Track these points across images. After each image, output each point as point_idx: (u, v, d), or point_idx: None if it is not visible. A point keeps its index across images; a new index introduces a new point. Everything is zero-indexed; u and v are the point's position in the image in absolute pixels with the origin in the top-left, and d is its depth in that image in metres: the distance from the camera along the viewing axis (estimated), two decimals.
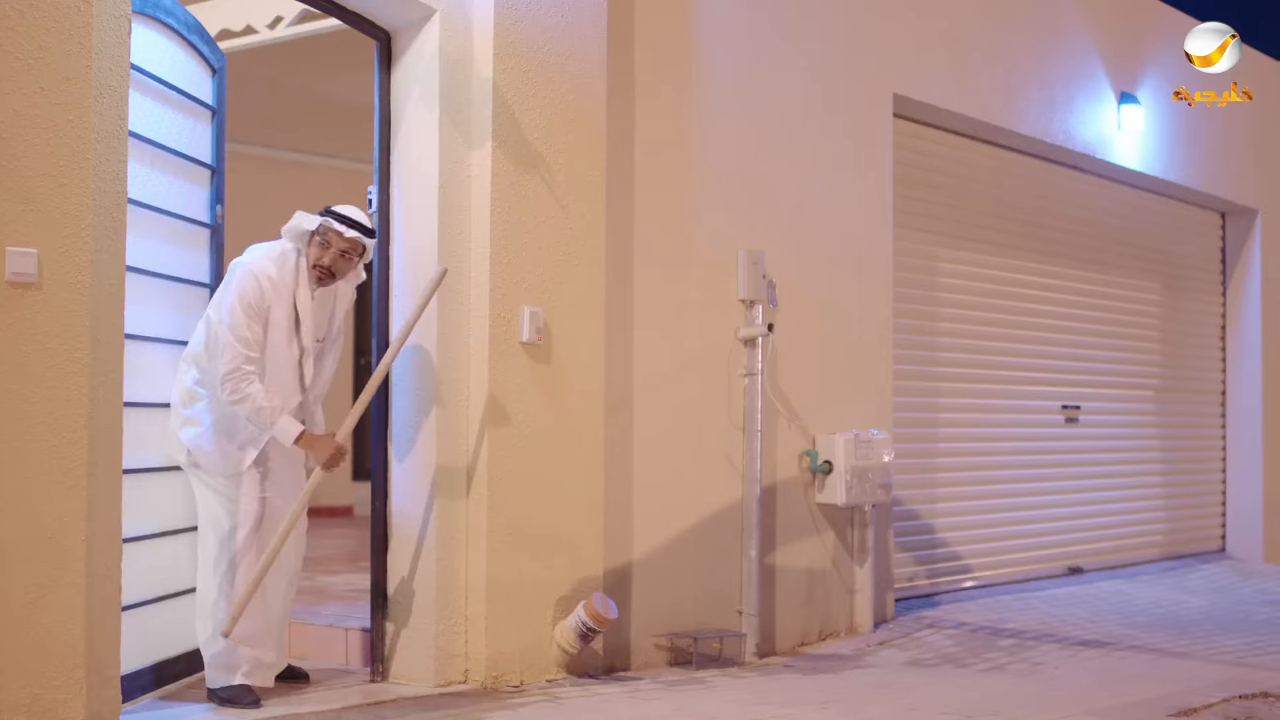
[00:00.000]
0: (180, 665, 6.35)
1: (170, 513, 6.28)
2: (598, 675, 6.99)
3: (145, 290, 6.01)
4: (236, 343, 5.88)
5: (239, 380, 5.87)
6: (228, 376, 5.88)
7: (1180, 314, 13.38)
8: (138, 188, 5.84)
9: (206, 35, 6.68)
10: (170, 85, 6.27)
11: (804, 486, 8.44)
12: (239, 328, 5.89)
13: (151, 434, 6.10)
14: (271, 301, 5.99)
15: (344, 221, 6.13)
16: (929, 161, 10.24)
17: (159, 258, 6.17)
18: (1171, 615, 10.23)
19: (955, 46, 9.98)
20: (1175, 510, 13.19)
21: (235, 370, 5.88)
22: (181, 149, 6.45)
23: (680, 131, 7.81)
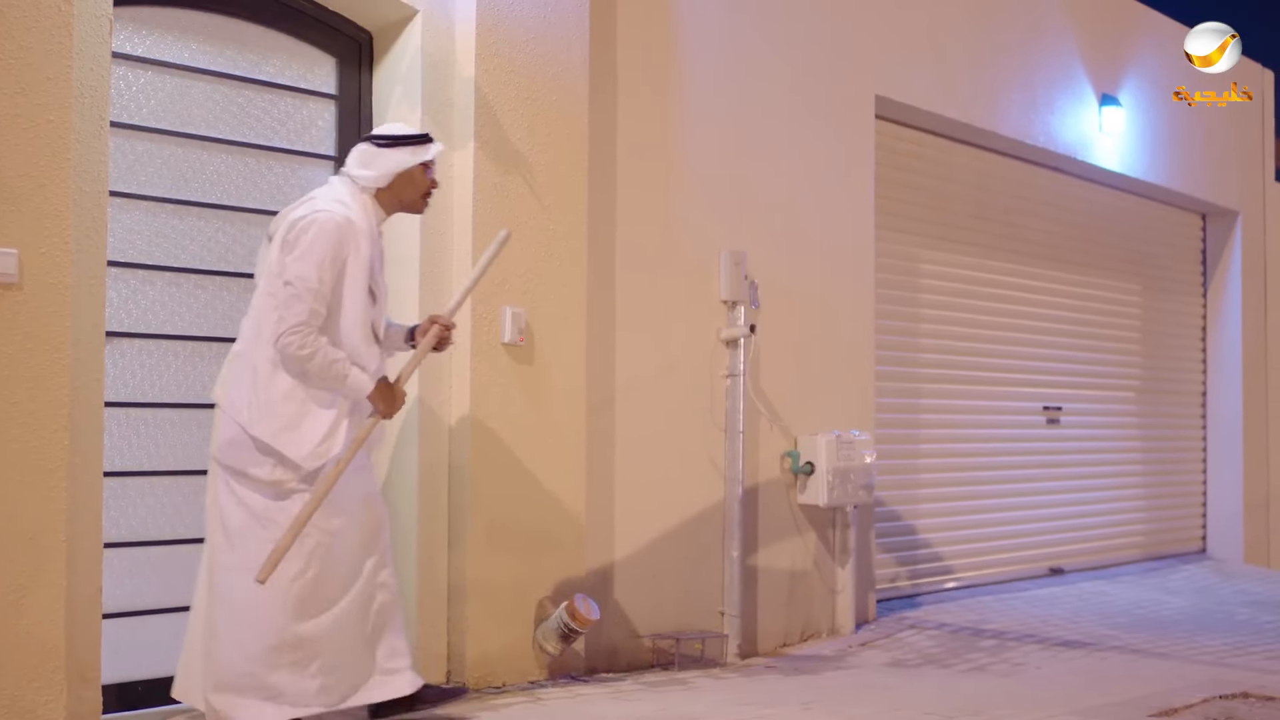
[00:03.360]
0: None
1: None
2: (579, 676, 6.99)
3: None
4: (306, 294, 5.30)
5: (306, 334, 5.30)
6: (294, 329, 5.29)
7: (1161, 315, 13.41)
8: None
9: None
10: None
11: (786, 487, 8.44)
12: (310, 278, 5.32)
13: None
14: (349, 251, 5.44)
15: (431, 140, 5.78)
16: (911, 163, 10.25)
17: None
18: (1153, 616, 10.26)
19: (937, 48, 9.99)
20: (1156, 511, 13.23)
21: (302, 324, 5.29)
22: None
23: (662, 132, 7.81)
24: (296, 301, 5.31)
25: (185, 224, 6.20)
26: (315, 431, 5.38)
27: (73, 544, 5.13)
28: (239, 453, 5.36)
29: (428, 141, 5.73)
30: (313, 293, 5.32)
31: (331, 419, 5.42)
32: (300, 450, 5.34)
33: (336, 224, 5.40)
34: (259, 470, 5.34)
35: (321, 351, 5.32)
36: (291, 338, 5.29)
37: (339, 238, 5.39)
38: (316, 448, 5.37)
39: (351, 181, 5.64)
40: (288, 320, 5.30)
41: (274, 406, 5.34)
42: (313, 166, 6.61)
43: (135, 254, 6.01)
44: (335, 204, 5.50)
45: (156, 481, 6.09)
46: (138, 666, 5.95)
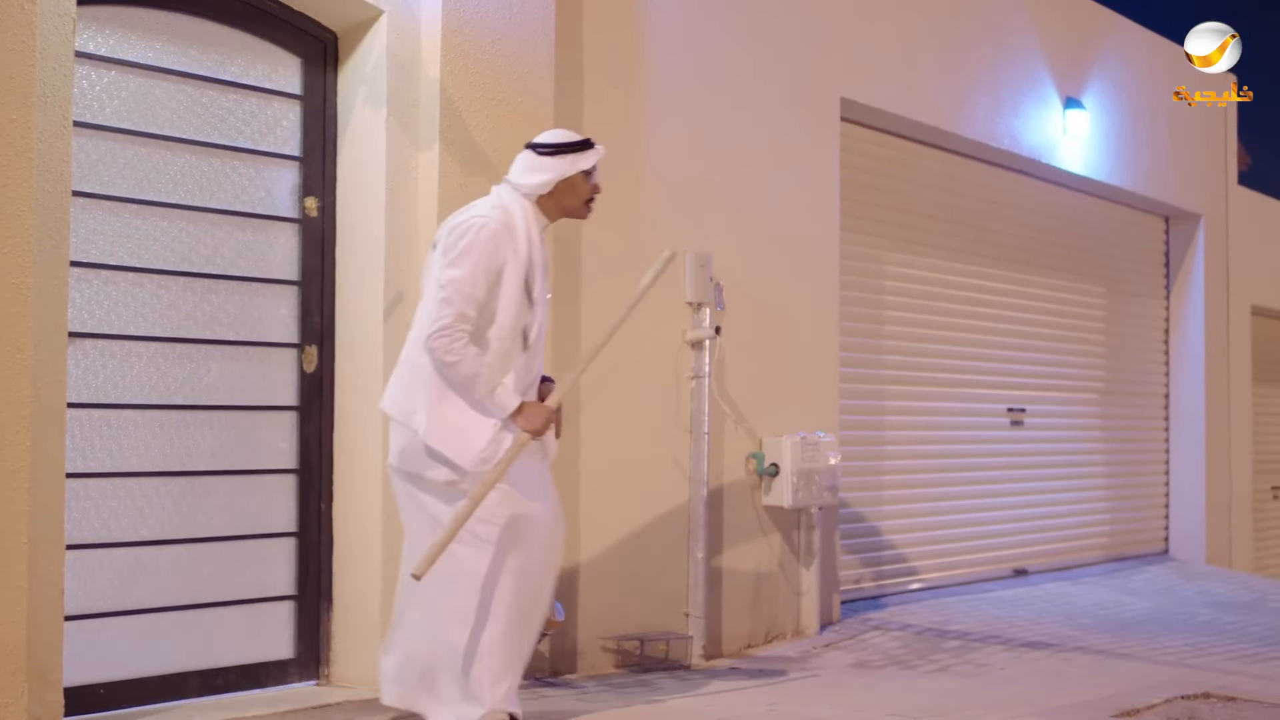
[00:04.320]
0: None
1: None
2: (544, 678, 6.99)
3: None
4: (457, 297, 5.36)
5: (454, 339, 5.34)
6: (442, 332, 5.34)
7: (1124, 317, 13.48)
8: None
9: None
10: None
11: (751, 489, 8.45)
12: (463, 281, 5.37)
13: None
14: (507, 256, 5.47)
15: (595, 143, 5.80)
16: (876, 165, 10.28)
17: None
18: (1116, 617, 10.31)
19: (903, 51, 10.02)
20: (1119, 512, 13.30)
21: (450, 327, 5.35)
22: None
23: (628, 134, 7.81)
24: (447, 305, 5.37)
25: (149, 224, 6.17)
26: (480, 436, 5.43)
27: (34, 545, 5.10)
28: (414, 458, 5.47)
29: (589, 148, 5.76)
30: (464, 296, 5.37)
31: (497, 423, 5.46)
32: (467, 455, 5.40)
33: (493, 229, 5.46)
34: (435, 474, 5.43)
35: (467, 361, 5.36)
36: (439, 340, 5.36)
37: (495, 243, 5.45)
38: (482, 451, 5.41)
39: (513, 189, 5.67)
40: (437, 322, 5.36)
41: (439, 411, 5.42)
42: (277, 167, 6.59)
43: (98, 254, 5.98)
44: (495, 210, 5.56)
45: (119, 483, 6.06)
46: (99, 669, 5.91)
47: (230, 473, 6.41)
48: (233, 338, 6.43)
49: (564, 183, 5.70)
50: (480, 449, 5.40)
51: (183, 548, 6.24)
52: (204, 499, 6.32)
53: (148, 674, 6.08)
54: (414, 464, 5.48)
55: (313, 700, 6.29)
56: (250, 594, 6.47)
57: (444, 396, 5.44)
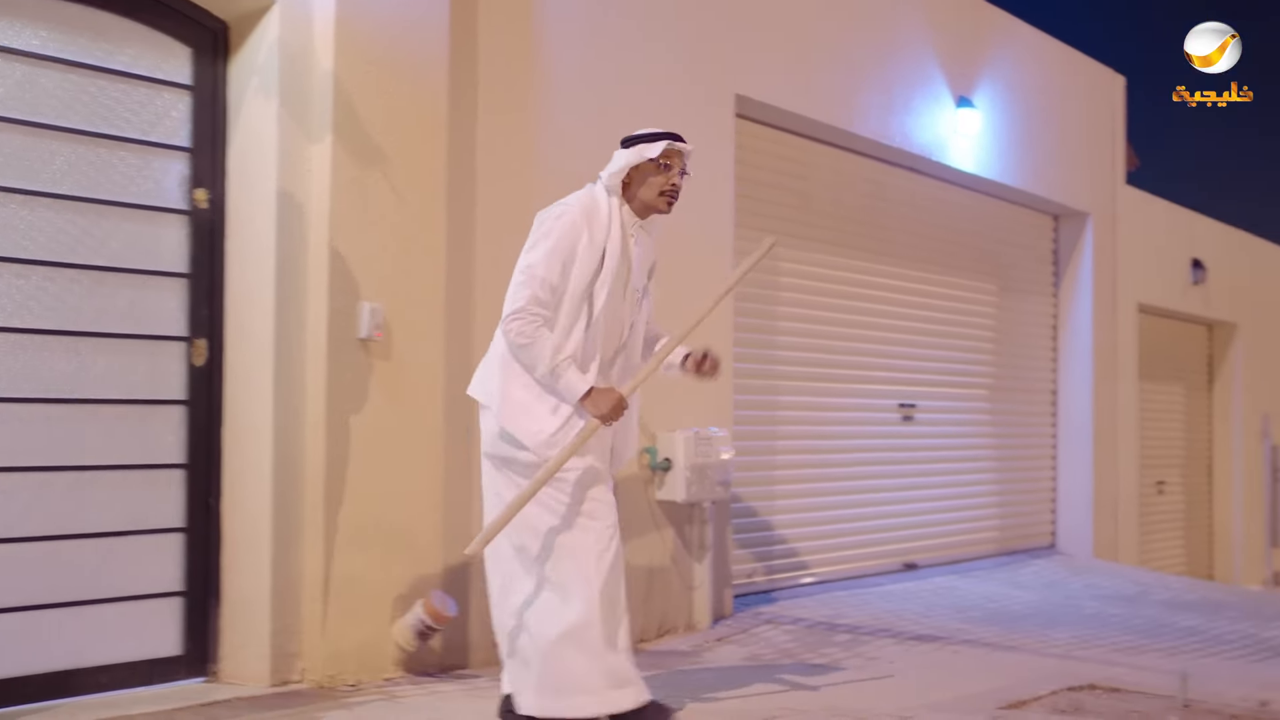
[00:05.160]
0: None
1: None
2: (436, 674, 6.96)
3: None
4: (531, 281, 5.41)
5: (526, 321, 5.39)
6: (515, 315, 5.39)
7: (1014, 314, 13.64)
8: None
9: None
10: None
11: (644, 484, 8.47)
12: (538, 265, 5.43)
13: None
14: (584, 245, 5.51)
15: (679, 138, 5.75)
16: (771, 162, 10.32)
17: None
18: (1004, 610, 10.43)
19: (796, 48, 10.07)
20: (1008, 507, 13.46)
21: (523, 310, 5.40)
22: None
23: (523, 128, 7.79)
24: (522, 288, 5.42)
25: (34, 215, 6.08)
26: (551, 420, 5.46)
27: None
28: (502, 443, 5.53)
29: (662, 139, 5.70)
30: (539, 280, 5.41)
31: (570, 408, 5.48)
32: (537, 439, 5.44)
33: (571, 218, 5.53)
34: (522, 456, 5.47)
35: (539, 343, 5.40)
36: (513, 323, 5.41)
37: (573, 231, 5.50)
38: (553, 435, 5.44)
39: (600, 182, 5.74)
40: (511, 306, 5.43)
41: (512, 395, 5.48)
42: (166, 158, 6.52)
43: None
44: (578, 200, 5.63)
45: (4, 477, 5.96)
46: None
47: (118, 467, 6.33)
48: (120, 330, 6.35)
49: (635, 173, 5.71)
50: (550, 433, 5.45)
51: (68, 543, 6.16)
52: (91, 494, 6.23)
53: (30, 671, 6.00)
54: (503, 449, 5.54)
55: (201, 697, 6.23)
56: (137, 590, 6.39)
57: (511, 377, 5.50)
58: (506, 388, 5.50)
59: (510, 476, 5.55)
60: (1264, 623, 11.07)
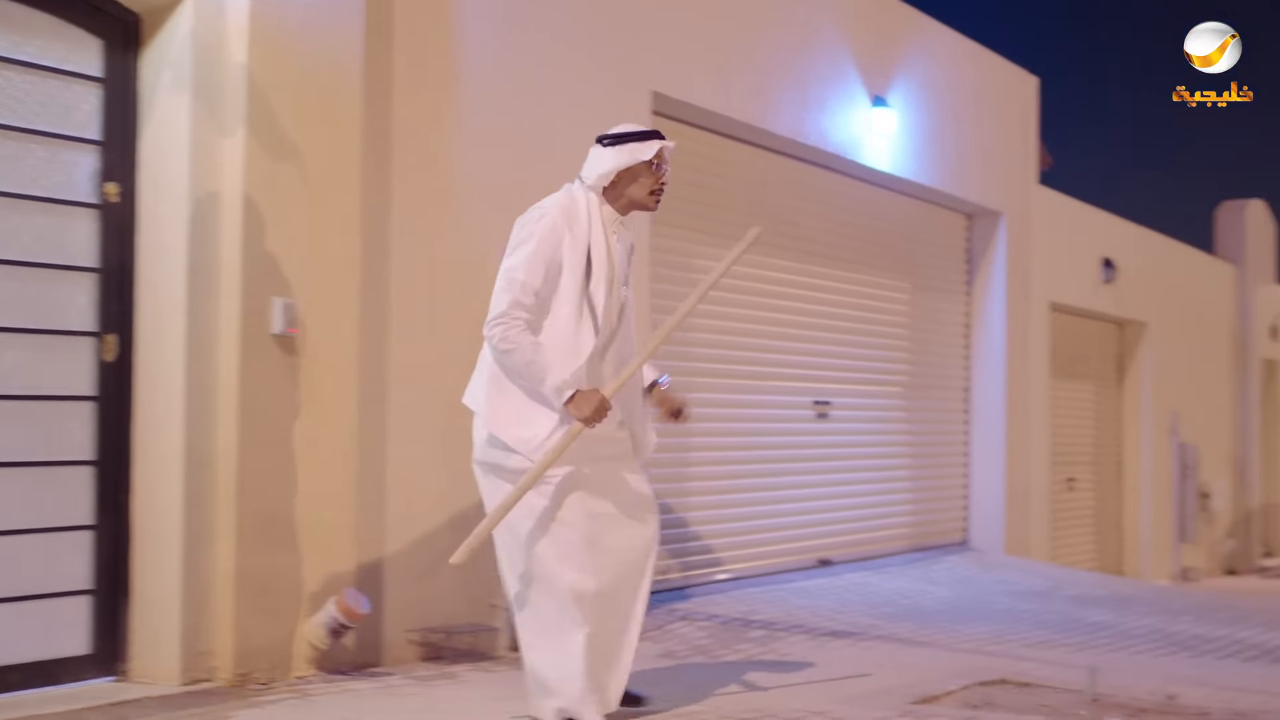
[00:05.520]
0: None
1: None
2: (349, 672, 6.92)
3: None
4: (512, 286, 5.43)
5: (509, 326, 5.40)
6: (497, 320, 5.41)
7: (928, 313, 13.74)
8: None
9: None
10: None
11: None
12: (518, 270, 5.45)
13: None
14: (566, 247, 5.53)
15: (662, 135, 5.82)
16: (687, 159, 10.31)
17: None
18: (916, 606, 10.51)
19: (712, 46, 10.09)
20: (921, 504, 13.56)
21: (505, 315, 5.41)
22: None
23: (440, 122, 7.76)
24: (503, 293, 5.44)
25: None
26: (541, 426, 5.48)
27: None
28: (490, 449, 5.57)
29: (651, 138, 5.75)
30: (519, 285, 5.43)
31: (557, 414, 5.48)
32: (527, 445, 5.47)
33: (551, 220, 5.55)
34: (511, 462, 5.51)
35: (522, 349, 5.40)
36: (495, 329, 5.43)
37: (554, 233, 5.52)
38: (545, 441, 5.45)
39: (581, 183, 5.75)
40: (493, 311, 5.44)
41: (500, 402, 5.52)
42: (76, 151, 6.44)
43: None
44: (558, 202, 5.65)
45: None
46: None
47: (26, 464, 6.26)
48: (29, 325, 6.27)
49: (625, 173, 5.74)
50: (541, 438, 5.46)
51: None
52: None
53: None
54: (492, 454, 5.58)
55: (111, 697, 6.16)
56: (46, 588, 6.31)
57: (499, 384, 5.54)
58: (496, 395, 5.54)
59: (496, 482, 5.60)
60: (1171, 617, 11.23)
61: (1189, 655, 9.32)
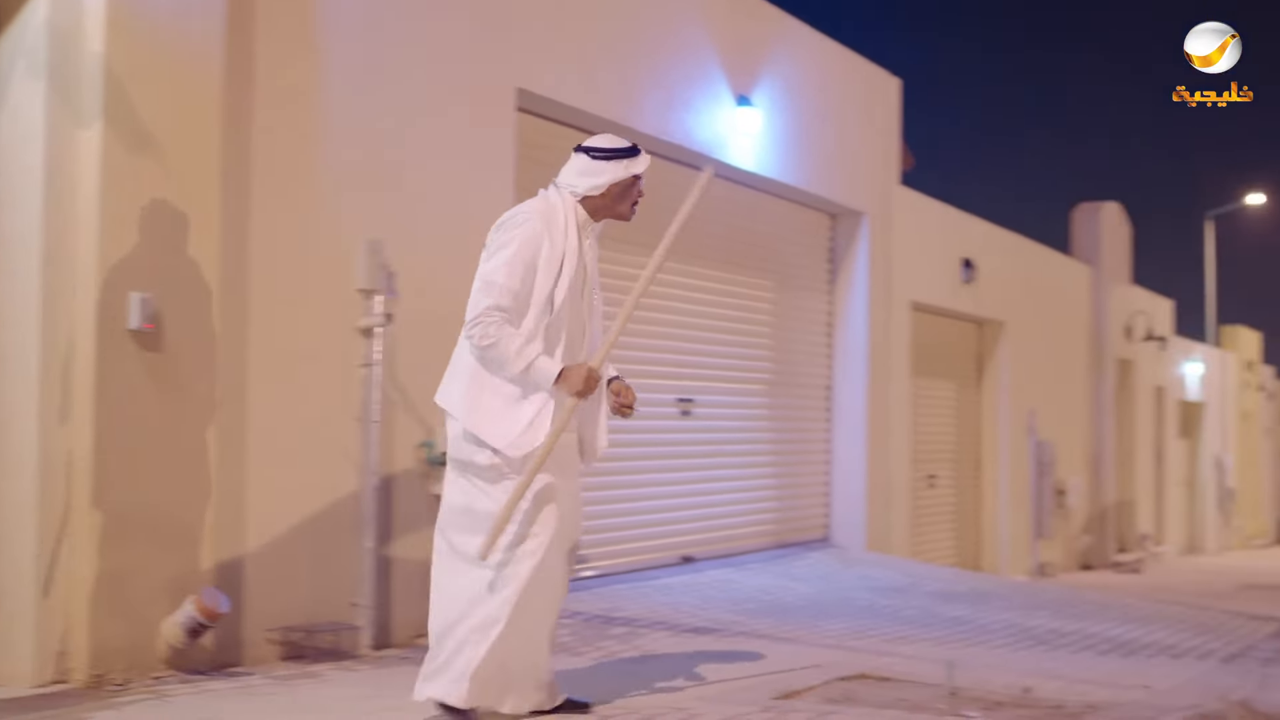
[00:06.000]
0: None
1: None
2: (208, 671, 6.83)
3: None
4: (490, 289, 5.58)
5: (488, 324, 5.55)
6: (475, 320, 5.57)
7: (791, 311, 13.84)
8: None
9: None
10: None
11: (421, 478, 8.41)
12: (498, 273, 5.60)
13: None
14: (545, 251, 5.70)
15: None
16: (554, 157, 10.25)
17: None
18: (778, 602, 10.58)
19: (577, 42, 10.09)
20: (784, 501, 13.65)
21: (482, 315, 5.56)
22: None
23: (301, 118, 7.68)
24: (481, 297, 5.59)
25: None
26: (517, 422, 5.62)
27: None
28: (464, 445, 5.68)
29: (639, 154, 6.02)
30: (499, 287, 5.57)
31: (534, 410, 5.65)
32: (504, 440, 5.60)
33: (533, 227, 5.69)
34: (480, 458, 5.64)
35: (503, 341, 5.55)
36: (475, 329, 5.58)
37: (530, 237, 5.66)
38: (518, 438, 5.61)
39: (560, 189, 5.91)
40: (471, 314, 5.60)
41: (478, 399, 5.64)
42: None
43: None
44: (537, 207, 5.79)
45: None
46: None
47: None
48: None
49: (616, 186, 5.96)
50: (518, 432, 5.61)
51: None
52: None
53: None
54: (464, 451, 5.69)
55: None
56: None
57: (482, 384, 5.66)
58: (475, 395, 5.67)
59: (471, 480, 5.70)
60: (1028, 612, 11.41)
61: (1045, 649, 9.47)
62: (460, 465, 5.76)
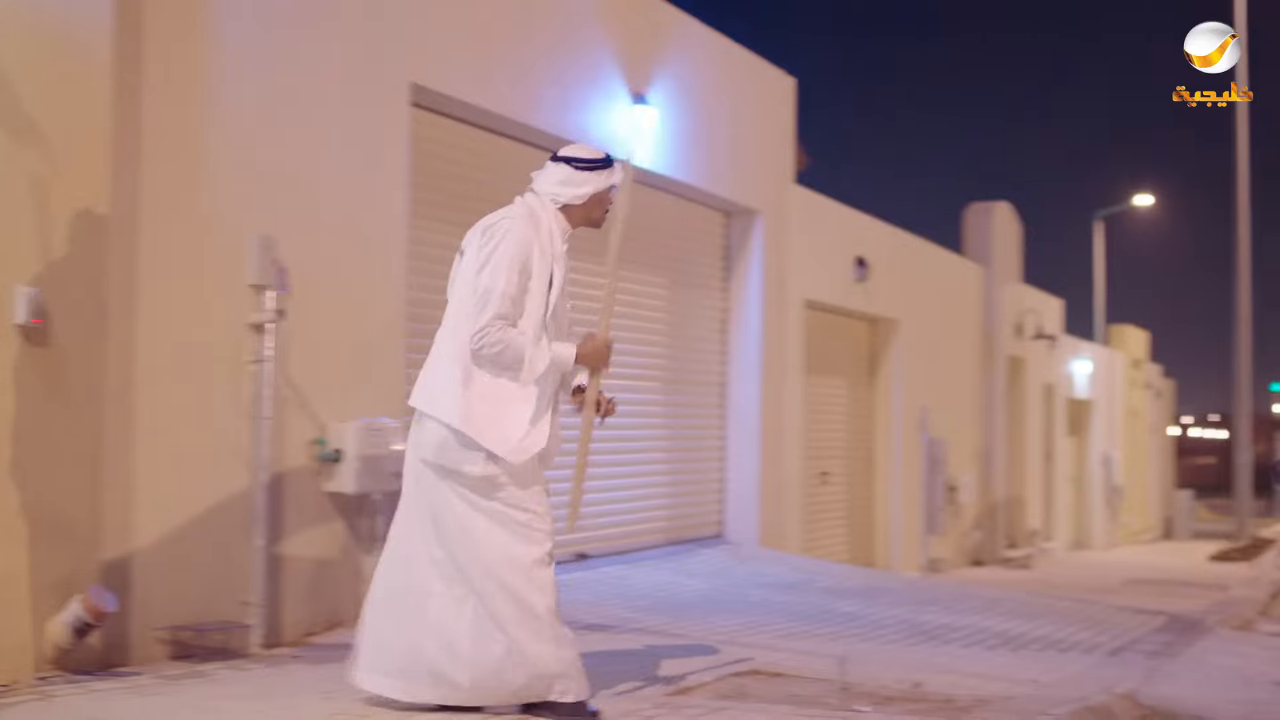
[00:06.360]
0: None
1: None
2: (95, 672, 6.75)
3: None
4: (491, 299, 5.72)
5: (492, 331, 5.69)
6: (484, 329, 5.69)
7: (685, 309, 13.88)
8: None
9: None
10: None
11: (313, 475, 8.36)
12: (498, 281, 5.74)
13: None
14: (536, 256, 5.90)
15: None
16: (450, 153, 10.28)
17: None
18: (672, 599, 10.62)
19: (474, 39, 10.05)
20: (678, 497, 13.69)
21: (487, 325, 5.69)
22: None
23: (193, 111, 7.60)
24: (484, 309, 5.70)
25: None
26: (518, 428, 5.80)
27: None
28: (450, 452, 5.75)
29: (614, 164, 6.23)
30: (498, 294, 5.72)
31: (531, 414, 5.86)
32: (505, 446, 5.75)
33: (522, 231, 5.88)
34: (472, 468, 5.74)
35: (513, 344, 5.74)
36: (480, 340, 5.69)
37: (520, 242, 5.84)
38: (520, 443, 5.80)
39: (540, 197, 6.11)
40: (478, 324, 5.70)
41: (476, 407, 5.73)
42: None
43: None
44: (525, 214, 5.98)
45: None
46: None
47: None
48: None
49: (595, 196, 6.19)
50: (518, 439, 5.80)
51: None
52: None
53: None
54: (451, 458, 5.76)
55: None
56: None
57: (479, 392, 5.77)
58: (470, 401, 5.75)
59: (454, 487, 5.79)
60: (919, 608, 11.53)
61: (936, 644, 9.58)
62: (445, 473, 5.81)
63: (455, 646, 5.77)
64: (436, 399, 5.81)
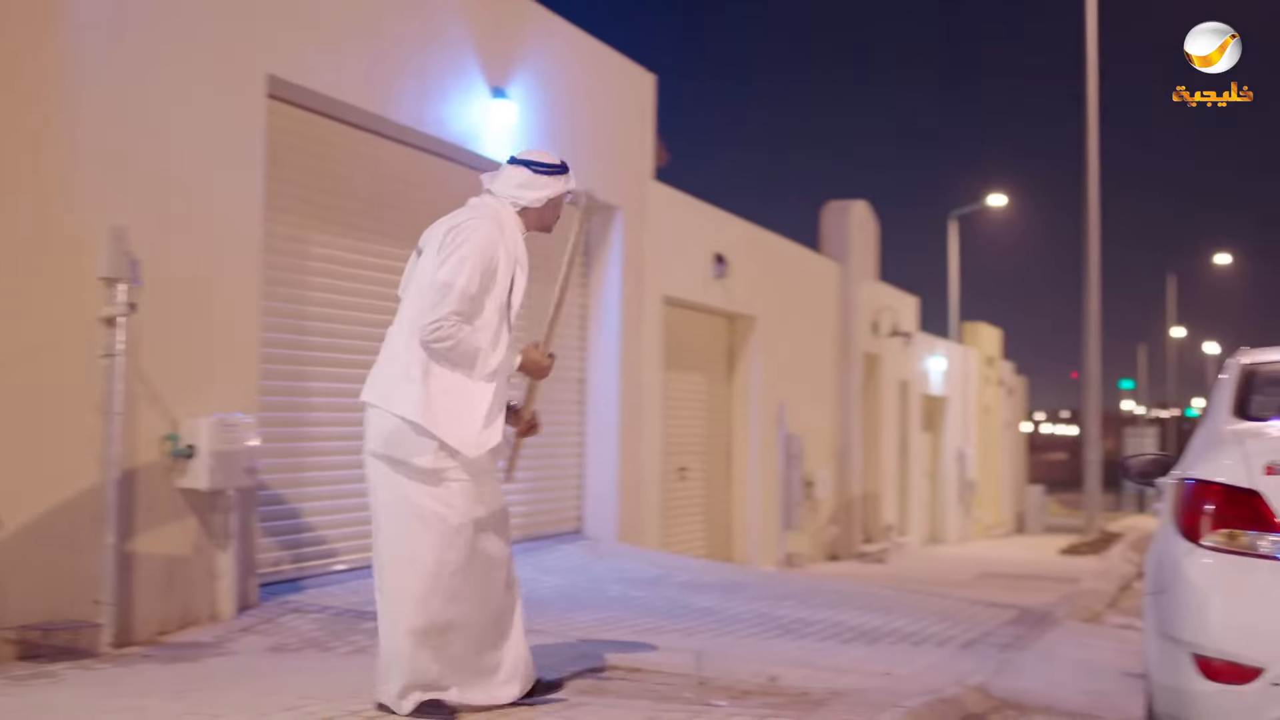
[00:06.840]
0: None
1: None
2: None
3: None
4: (449, 296, 5.80)
5: (445, 328, 5.77)
6: (438, 322, 5.76)
7: (543, 303, 13.81)
8: None
9: None
10: None
11: (165, 471, 8.23)
12: (457, 277, 5.83)
13: None
14: (500, 257, 6.00)
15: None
16: (307, 146, 10.18)
17: None
18: (529, 595, 10.48)
19: (330, 30, 9.96)
20: (536, 493, 13.66)
21: (440, 320, 5.77)
22: None
23: (40, 96, 7.45)
24: (440, 304, 5.79)
25: None
26: (474, 422, 5.87)
27: None
28: (401, 443, 5.89)
29: (568, 171, 6.44)
30: (456, 291, 5.80)
31: (484, 404, 5.91)
32: (465, 440, 5.84)
33: (488, 231, 5.99)
34: (421, 460, 5.85)
35: (463, 341, 5.81)
36: (432, 334, 5.78)
37: (486, 242, 5.95)
38: (478, 437, 5.88)
39: (499, 199, 6.26)
40: (432, 316, 5.79)
41: (438, 400, 5.82)
42: None
43: None
44: (487, 215, 6.10)
45: None
46: None
47: None
48: None
49: (552, 200, 6.38)
50: (477, 432, 5.88)
51: None
52: None
53: None
54: (401, 449, 5.88)
55: None
56: None
57: (438, 388, 5.85)
58: (431, 394, 5.84)
59: (403, 478, 5.91)
60: (776, 602, 11.62)
61: (792, 638, 9.66)
62: (394, 464, 5.91)
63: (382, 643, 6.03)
64: (391, 394, 5.94)
